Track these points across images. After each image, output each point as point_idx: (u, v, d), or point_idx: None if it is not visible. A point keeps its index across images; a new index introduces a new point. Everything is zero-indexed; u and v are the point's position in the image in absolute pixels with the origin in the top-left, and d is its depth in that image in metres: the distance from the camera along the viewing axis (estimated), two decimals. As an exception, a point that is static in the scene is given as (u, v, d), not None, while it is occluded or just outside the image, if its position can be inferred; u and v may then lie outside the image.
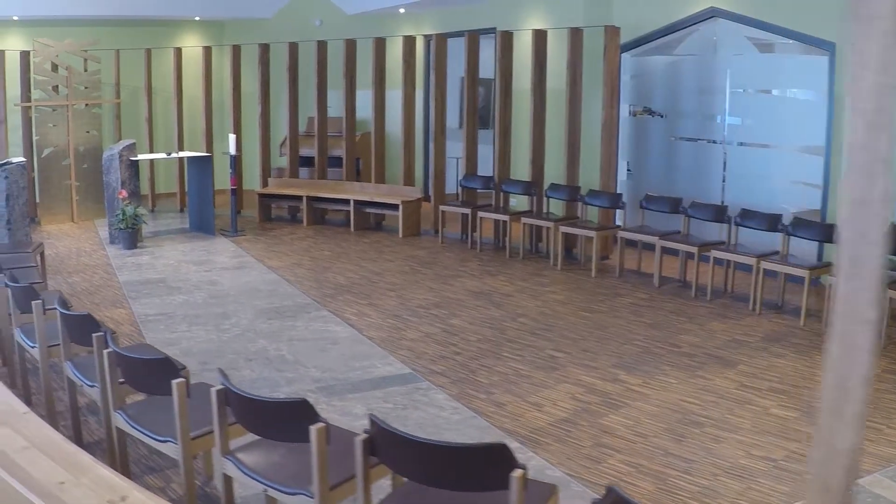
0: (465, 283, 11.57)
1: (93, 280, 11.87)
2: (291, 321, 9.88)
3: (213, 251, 13.76)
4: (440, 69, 14.63)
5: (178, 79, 17.40)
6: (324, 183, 16.12)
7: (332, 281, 11.73)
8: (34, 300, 6.37)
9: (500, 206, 14.03)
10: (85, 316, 5.77)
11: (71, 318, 5.92)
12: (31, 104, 16.25)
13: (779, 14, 11.47)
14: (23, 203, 12.25)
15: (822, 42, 11.00)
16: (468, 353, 8.73)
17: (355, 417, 7.04)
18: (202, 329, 9.58)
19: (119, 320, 9.90)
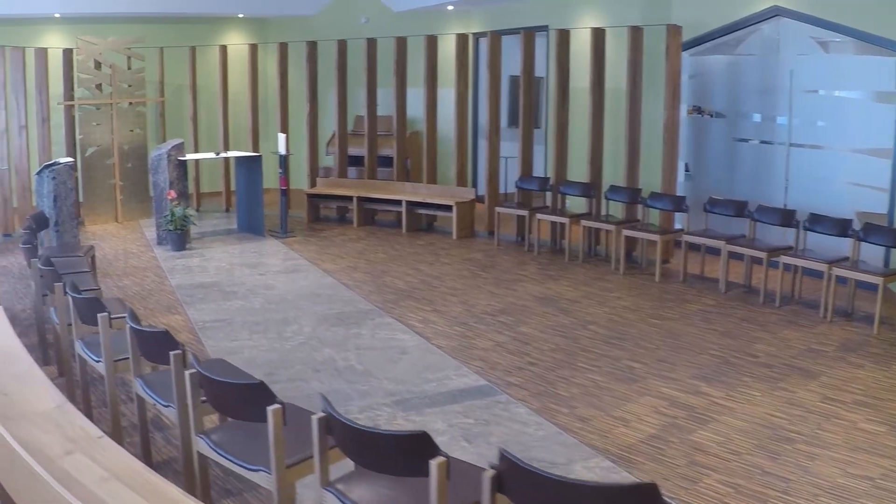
0: (528, 288, 11.16)
1: (144, 284, 11.50)
2: (356, 328, 9.47)
3: (264, 253, 13.37)
4: (494, 67, 14.24)
5: (224, 77, 17.03)
6: (374, 183, 15.72)
7: (391, 285, 11.31)
8: (100, 312, 5.95)
9: (558, 207, 13.50)
10: (161, 333, 5.35)
11: (144, 333, 5.50)
12: (75, 103, 15.88)
13: (844, 13, 11.00)
14: (70, 204, 11.88)
15: (888, 42, 10.50)
16: (543, 364, 8.33)
17: (437, 433, 6.62)
18: (264, 337, 9.19)
19: (176, 327, 9.51)
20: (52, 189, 11.64)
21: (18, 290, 11.29)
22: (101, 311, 5.95)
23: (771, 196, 12.15)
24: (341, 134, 16.14)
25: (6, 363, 5.77)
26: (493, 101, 14.25)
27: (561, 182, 13.47)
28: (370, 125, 15.82)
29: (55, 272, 7.22)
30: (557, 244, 13.64)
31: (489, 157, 14.36)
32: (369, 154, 15.90)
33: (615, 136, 13.33)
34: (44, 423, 4.78)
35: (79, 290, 6.57)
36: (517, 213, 13.69)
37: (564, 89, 13.48)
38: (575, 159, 13.84)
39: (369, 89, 15.76)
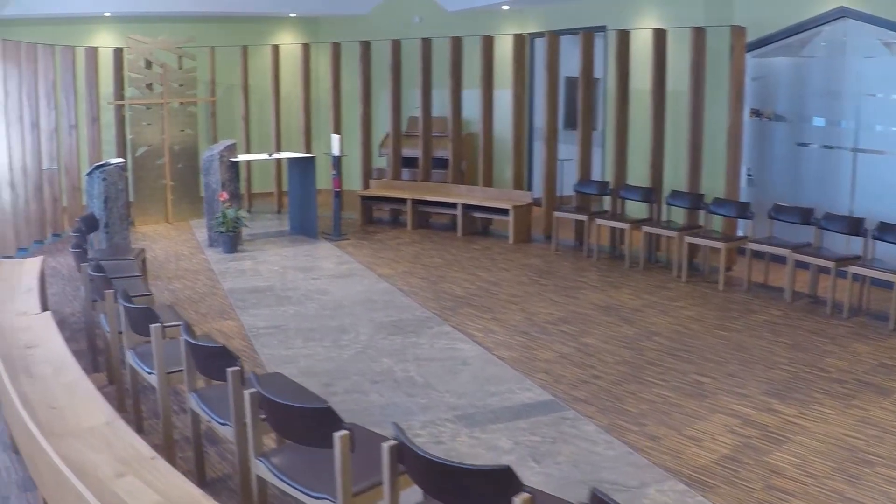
0: (590, 296, 10.83)
1: (196, 287, 11.25)
2: (414, 337, 9.17)
3: (317, 256, 13.11)
4: (553, 68, 13.90)
5: (276, 76, 16.78)
6: (428, 185, 15.44)
7: (448, 292, 11.00)
8: (152, 323, 5.65)
9: (617, 212, 13.15)
10: (219, 348, 5.05)
11: (201, 348, 5.19)
12: (125, 102, 15.68)
13: (913, 15, 10.54)
14: (121, 205, 11.66)
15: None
16: (609, 378, 7.97)
17: (502, 452, 6.36)
18: (319, 345, 8.90)
19: (228, 333, 9.25)
20: (103, 190, 11.41)
21: (68, 293, 11.07)
22: (153, 322, 5.66)
23: (836, 203, 11.72)
24: (395, 135, 15.87)
25: (55, 373, 5.51)
26: (551, 103, 13.93)
27: (621, 186, 13.02)
28: (425, 126, 15.54)
29: (106, 278, 6.95)
30: (616, 250, 13.27)
31: (547, 160, 14.03)
32: (424, 156, 15.61)
33: (675, 139, 12.96)
34: (93, 441, 4.50)
35: (130, 297, 6.28)
36: (576, 217, 13.36)
37: (624, 91, 13.12)
38: (632, 162, 13.44)
39: (424, 90, 15.48)
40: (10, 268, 8.98)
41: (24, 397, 5.09)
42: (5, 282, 8.30)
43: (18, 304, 7.41)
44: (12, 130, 13.02)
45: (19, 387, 5.29)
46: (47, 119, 14.35)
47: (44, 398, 5.15)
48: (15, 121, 13.15)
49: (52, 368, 5.65)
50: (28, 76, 13.65)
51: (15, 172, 13.03)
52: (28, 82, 13.67)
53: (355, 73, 16.42)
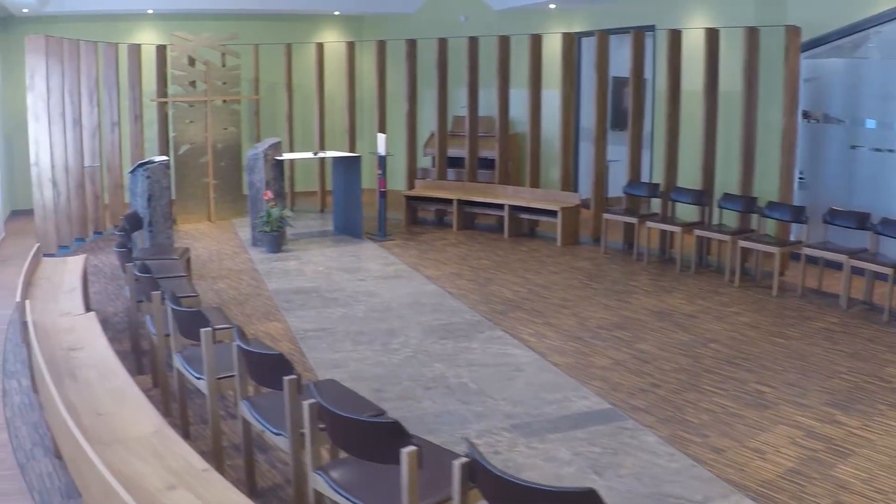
0: (642, 301, 10.54)
1: (240, 287, 11.04)
2: (465, 342, 8.91)
3: (363, 257, 12.89)
4: (602, 68, 13.61)
5: (320, 75, 16.59)
6: (474, 186, 15.19)
7: (498, 295, 10.74)
8: (203, 327, 5.41)
9: (668, 215, 12.84)
10: (275, 356, 4.81)
11: (255, 356, 4.96)
12: (168, 99, 15.51)
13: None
14: (165, 204, 11.46)
15: None
16: (667, 386, 7.69)
17: (562, 464, 6.10)
18: (368, 349, 8.67)
19: (275, 335, 9.03)
20: (147, 188, 11.22)
21: (110, 292, 10.89)
22: (203, 326, 5.42)
23: (889, 207, 11.37)
24: (441, 135, 15.64)
25: (101, 377, 5.29)
26: (601, 103, 13.64)
27: (671, 188, 12.74)
28: (471, 126, 15.27)
29: (153, 279, 6.73)
30: (667, 253, 12.97)
31: (595, 162, 13.75)
32: (470, 156, 15.36)
33: (725, 141, 12.66)
34: (142, 451, 4.28)
35: (178, 300, 6.05)
36: (625, 220, 13.09)
37: (676, 92, 12.80)
38: (681, 164, 13.17)
39: (471, 89, 15.23)
40: (52, 266, 8.80)
41: (68, 402, 4.88)
42: (48, 281, 8.12)
43: (62, 304, 7.22)
44: (55, 127, 12.86)
45: (63, 391, 5.08)
46: (90, 116, 14.18)
47: (89, 404, 4.94)
48: (57, 118, 13.00)
49: (98, 372, 5.44)
50: (70, 73, 13.50)
51: (57, 170, 12.88)
52: (70, 79, 13.51)
53: (399, 71, 16.21)
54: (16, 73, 15.68)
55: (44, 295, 7.62)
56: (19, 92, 14.80)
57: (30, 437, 6.50)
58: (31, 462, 6.06)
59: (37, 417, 6.82)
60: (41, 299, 7.48)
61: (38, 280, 8.24)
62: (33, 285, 8.00)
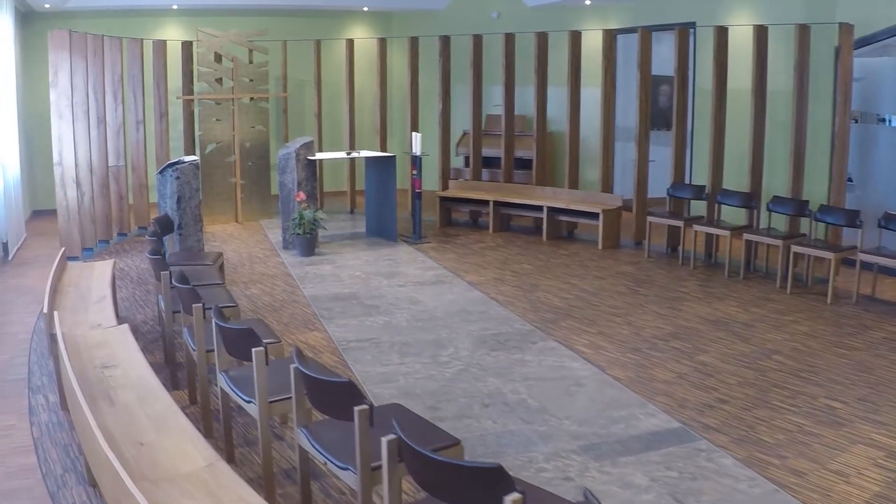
0: (695, 308, 10.01)
1: (274, 293, 10.55)
2: (518, 353, 8.40)
3: (399, 261, 12.38)
4: (645, 66, 13.09)
5: (350, 72, 16.11)
6: (511, 187, 14.67)
7: (545, 302, 10.23)
8: (254, 347, 4.89)
9: (714, 218, 12.34)
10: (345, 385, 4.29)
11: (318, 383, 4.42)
12: (194, 97, 15.02)
13: None
14: (195, 206, 10.98)
15: None
16: (736, 402, 7.18)
17: (639, 490, 5.62)
18: (417, 361, 8.16)
19: (316, 346, 8.53)
20: (176, 189, 10.73)
21: (138, 298, 10.41)
22: (254, 345, 4.89)
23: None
24: (476, 134, 15.13)
25: (140, 400, 4.78)
26: (644, 102, 13.15)
27: (717, 190, 12.25)
28: (507, 125, 14.75)
29: (193, 291, 6.20)
30: (713, 257, 12.44)
31: (638, 162, 13.24)
32: (506, 156, 14.86)
33: (770, 142, 12.21)
34: (193, 489, 3.79)
35: (223, 314, 5.52)
36: (670, 223, 12.58)
37: (722, 91, 12.27)
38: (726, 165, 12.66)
39: (507, 87, 14.75)
40: (79, 272, 8.30)
41: (106, 431, 4.37)
42: (75, 288, 7.62)
43: (92, 315, 6.72)
44: (78, 125, 12.39)
45: (100, 417, 4.57)
46: (114, 114, 13.72)
47: (129, 432, 4.43)
48: (81, 115, 12.53)
49: (136, 395, 4.93)
50: (95, 69, 13.03)
51: (81, 169, 12.41)
52: (95, 76, 13.04)
53: (430, 69, 15.75)
54: (37, 70, 15.28)
55: (72, 304, 7.12)
56: (41, 88, 14.49)
57: (60, 461, 5.99)
58: (62, 490, 5.54)
59: (67, 438, 6.32)
60: (69, 309, 6.98)
61: (64, 287, 7.74)
62: (60, 293, 7.51)
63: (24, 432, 6.49)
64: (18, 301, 10.33)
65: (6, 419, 6.77)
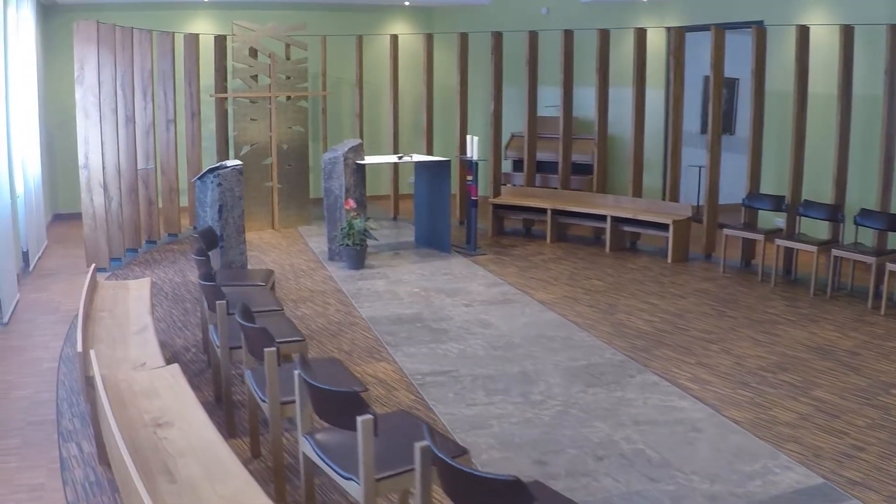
0: (791, 333, 8.99)
1: (328, 314, 9.52)
2: (618, 390, 7.37)
3: (458, 275, 11.34)
4: (718, 66, 12.07)
5: (395, 69, 15.10)
6: (569, 194, 13.68)
7: (630, 326, 9.21)
8: (361, 415, 3.82)
9: (795, 231, 11.33)
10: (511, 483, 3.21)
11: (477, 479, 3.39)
12: (228, 95, 13.98)
13: None
14: (238, 216, 9.92)
15: None
16: (873, 449, 6.19)
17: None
18: (507, 400, 7.10)
19: (388, 381, 7.51)
20: (217, 197, 9.67)
21: (175, 318, 9.37)
22: (359, 411, 3.81)
23: None
24: (531, 137, 14.08)
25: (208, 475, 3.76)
26: (716, 106, 12.15)
27: (798, 202, 11.29)
28: (565, 127, 13.75)
29: (265, 334, 5.06)
30: (793, 273, 11.37)
31: (710, 169, 12.26)
32: (563, 161, 13.82)
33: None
34: None
35: (309, 367, 4.43)
36: (749, 236, 11.57)
37: (803, 94, 11.27)
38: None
39: (565, 87, 13.74)
40: (112, 293, 7.23)
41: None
42: (110, 314, 6.55)
43: (133, 351, 5.65)
44: (106, 124, 11.39)
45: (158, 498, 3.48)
46: (143, 113, 12.71)
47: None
48: (109, 114, 11.53)
49: (202, 468, 3.88)
50: (123, 64, 12.02)
51: (108, 172, 11.39)
52: (123, 71, 12.03)
53: (474, 66, 14.81)
54: (59, 65, 14.37)
55: (108, 335, 6.06)
56: (63, 85, 13.67)
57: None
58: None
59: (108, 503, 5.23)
60: (105, 342, 5.92)
61: (97, 313, 6.68)
62: (92, 320, 6.43)
63: (55, 494, 5.39)
64: (41, 320, 9.28)
65: (34, 476, 5.66)
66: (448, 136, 15.70)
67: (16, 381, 7.44)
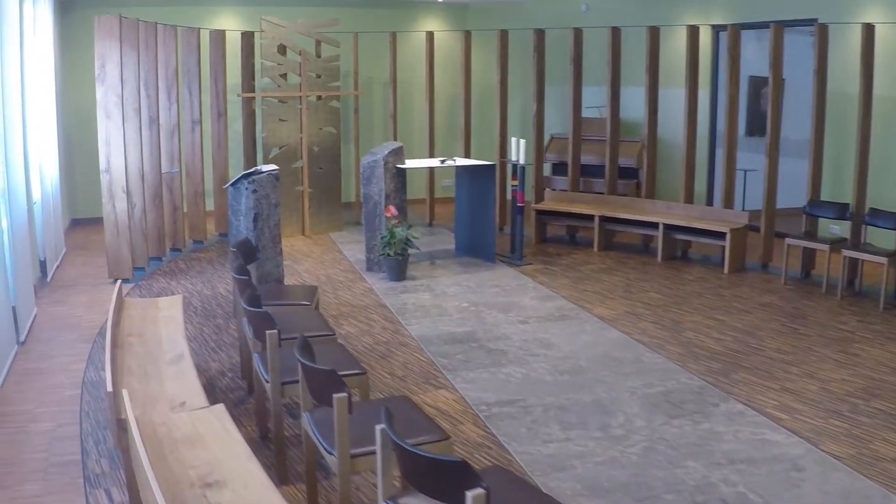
0: (871, 353, 8.27)
1: (374, 332, 8.80)
2: (704, 421, 6.64)
3: (507, 287, 10.61)
4: (777, 67, 11.30)
5: (430, 68, 14.39)
6: (616, 200, 12.98)
7: (700, 345, 8.48)
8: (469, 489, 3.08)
9: (861, 241, 10.61)
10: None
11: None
12: (256, 95, 13.28)
13: None
14: (274, 225, 9.17)
15: None
16: None
17: None
18: (586, 435, 6.37)
19: (449, 411, 6.80)
20: (253, 205, 8.92)
21: (207, 336, 8.66)
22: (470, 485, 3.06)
23: None
24: (575, 139, 13.38)
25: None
26: (775, 108, 11.44)
27: (863, 210, 10.64)
28: (612, 129, 13.05)
29: (333, 377, 4.30)
30: (857, 286, 10.69)
31: (768, 174, 11.55)
32: (610, 164, 13.13)
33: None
34: None
35: (392, 418, 3.69)
36: (813, 246, 10.88)
37: (868, 96, 10.59)
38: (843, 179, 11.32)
39: (612, 87, 13.06)
40: (140, 312, 6.50)
41: None
42: (139, 339, 5.82)
43: (170, 386, 4.92)
44: (128, 126, 10.69)
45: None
46: (167, 113, 12.01)
47: None
48: (132, 115, 10.85)
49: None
50: (147, 62, 11.32)
51: (131, 177, 10.69)
52: (147, 69, 11.33)
53: (514, 65, 14.19)
54: (78, 62, 13.81)
55: (139, 366, 5.34)
56: (82, 83, 13.30)
57: None
58: None
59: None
60: (136, 375, 5.20)
61: (125, 337, 5.95)
62: (121, 346, 5.69)
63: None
64: (61, 339, 8.56)
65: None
66: (483, 138, 15.10)
67: (35, 411, 6.71)
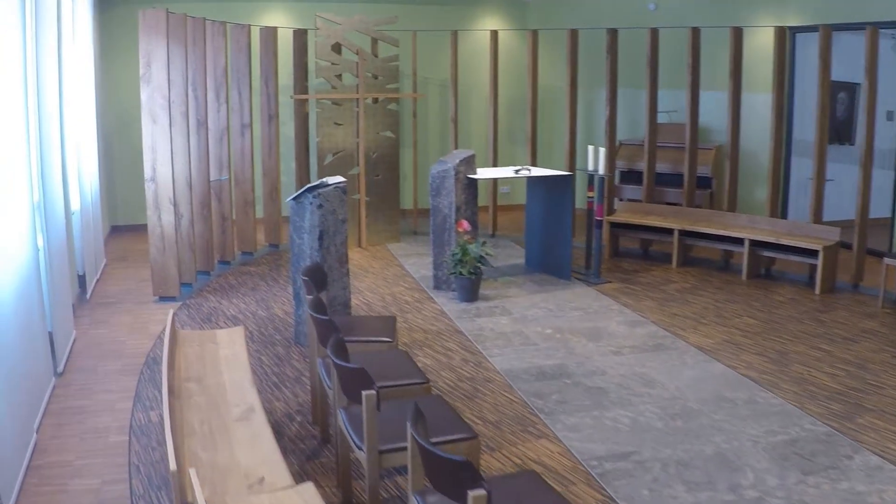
0: None
1: (454, 365, 7.93)
2: (841, 478, 5.74)
3: (590, 311, 9.70)
4: (871, 71, 10.56)
5: (495, 69, 13.58)
6: (696, 212, 12.13)
7: (814, 382, 7.59)
8: None
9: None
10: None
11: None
12: (310, 97, 12.46)
13: None
14: (340, 243, 8.24)
15: None
16: None
17: None
18: (717, 498, 5.45)
19: (559, 470, 5.93)
20: (318, 222, 8.01)
21: (267, 368, 7.81)
22: None
23: None
24: (651, 147, 12.54)
25: None
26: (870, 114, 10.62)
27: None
28: (691, 136, 12.22)
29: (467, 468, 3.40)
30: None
31: (861, 187, 10.71)
32: (689, 175, 12.28)
33: None
34: None
35: None
36: (912, 265, 9.89)
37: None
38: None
39: (692, 91, 12.25)
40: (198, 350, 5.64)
41: None
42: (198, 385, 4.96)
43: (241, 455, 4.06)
44: (175, 131, 9.88)
45: None
46: (216, 116, 11.21)
47: None
48: (179, 118, 10.06)
49: None
50: (194, 61, 10.52)
51: (178, 186, 9.88)
52: (195, 69, 10.53)
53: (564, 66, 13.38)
54: (118, 61, 13.30)
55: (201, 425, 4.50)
56: (123, 83, 12.98)
57: None
58: None
59: None
60: (199, 437, 4.34)
61: (182, 383, 5.10)
62: (178, 398, 4.83)
63: None
64: (102, 369, 7.72)
65: None
66: (545, 144, 14.33)
67: (77, 463, 5.84)
